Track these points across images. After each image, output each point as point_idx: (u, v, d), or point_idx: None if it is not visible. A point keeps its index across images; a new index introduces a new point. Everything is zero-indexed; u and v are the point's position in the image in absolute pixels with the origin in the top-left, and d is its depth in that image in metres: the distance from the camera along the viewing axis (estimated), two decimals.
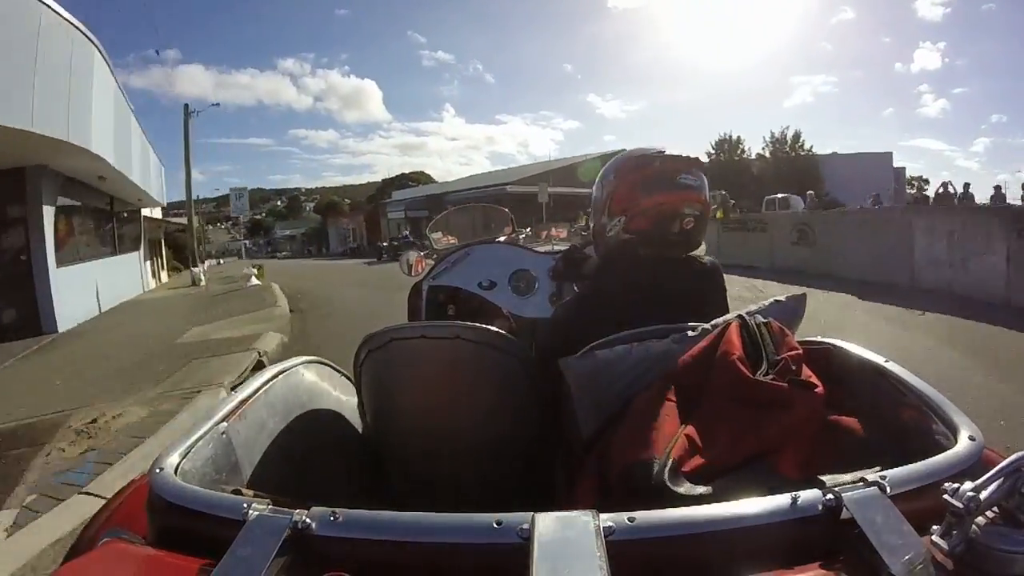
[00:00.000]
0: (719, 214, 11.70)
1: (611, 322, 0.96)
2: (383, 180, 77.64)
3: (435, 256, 2.06)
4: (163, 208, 19.28)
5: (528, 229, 2.73)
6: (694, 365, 0.79)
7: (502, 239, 2.29)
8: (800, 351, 0.77)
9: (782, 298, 0.99)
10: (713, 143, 34.74)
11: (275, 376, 0.94)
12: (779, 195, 16.14)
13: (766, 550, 0.50)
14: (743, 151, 34.47)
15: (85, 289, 9.02)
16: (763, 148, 33.67)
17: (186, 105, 17.44)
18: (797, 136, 33.04)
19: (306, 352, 1.36)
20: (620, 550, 0.48)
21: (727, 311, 0.99)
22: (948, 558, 0.43)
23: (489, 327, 1.08)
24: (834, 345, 0.89)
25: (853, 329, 5.06)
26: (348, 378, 1.21)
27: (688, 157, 1.14)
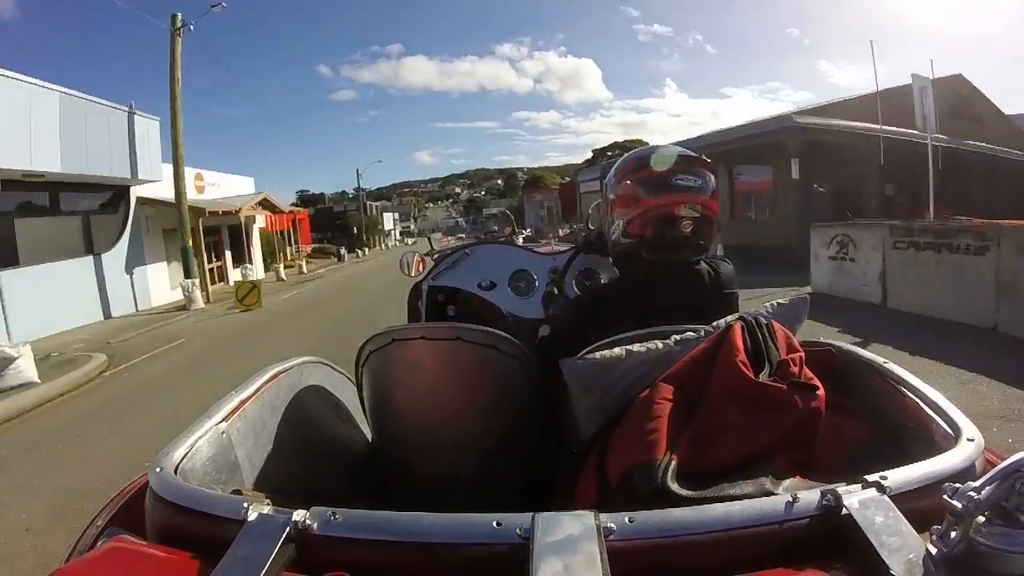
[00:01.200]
0: None
1: (611, 325, 0.96)
2: (593, 151, 67.51)
3: (435, 256, 2.06)
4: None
5: (527, 230, 2.73)
6: (695, 366, 0.78)
7: (502, 239, 2.30)
8: (802, 352, 0.77)
9: (785, 300, 0.99)
10: None
11: (275, 376, 0.94)
12: None
13: (766, 550, 0.50)
14: None
15: None
16: None
17: (174, 16, 11.76)
18: None
19: None
20: (620, 550, 0.48)
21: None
22: (948, 558, 0.43)
23: (490, 328, 1.08)
24: (835, 346, 0.89)
25: None
26: (348, 378, 1.21)
27: (687, 156, 1.12)
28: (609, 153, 56.22)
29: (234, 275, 15.15)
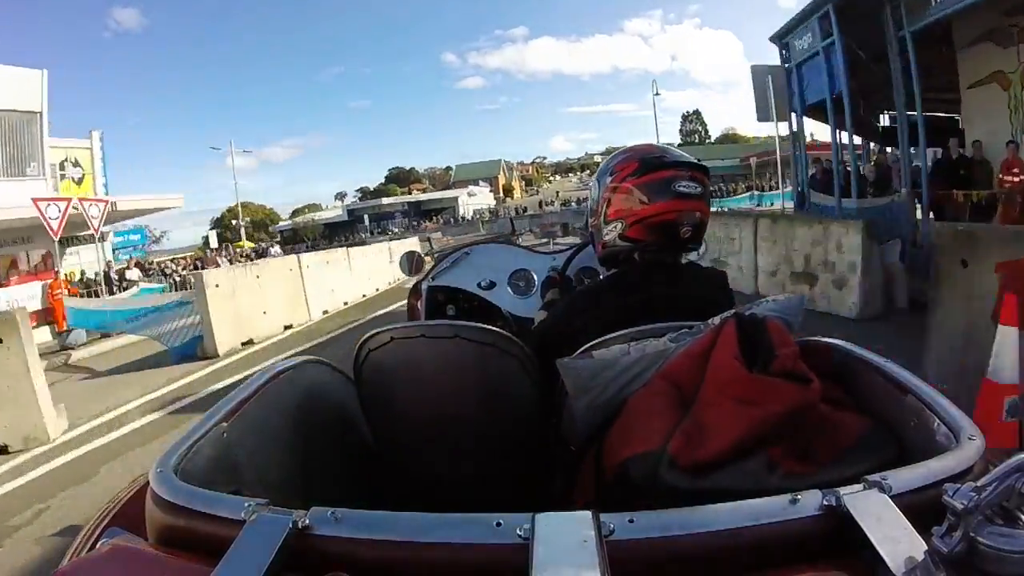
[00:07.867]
0: None
1: (602, 323, 0.96)
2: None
3: (435, 256, 2.07)
4: None
5: (527, 230, 2.74)
6: (690, 362, 0.79)
7: (501, 239, 2.31)
8: (796, 348, 0.77)
9: (780, 297, 0.99)
10: None
11: (275, 376, 0.94)
12: None
13: (766, 550, 0.50)
14: None
15: None
16: None
17: None
18: None
19: None
20: (620, 550, 0.48)
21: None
22: (948, 559, 0.43)
23: (489, 326, 1.08)
24: (833, 344, 0.89)
25: None
26: (348, 377, 1.21)
27: (688, 162, 1.13)
28: None
29: None
